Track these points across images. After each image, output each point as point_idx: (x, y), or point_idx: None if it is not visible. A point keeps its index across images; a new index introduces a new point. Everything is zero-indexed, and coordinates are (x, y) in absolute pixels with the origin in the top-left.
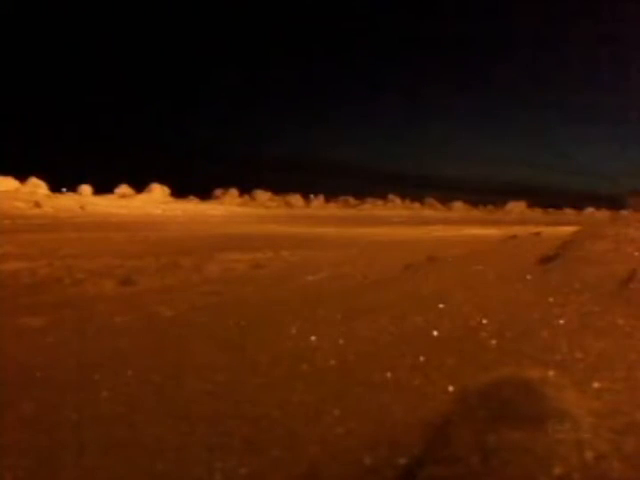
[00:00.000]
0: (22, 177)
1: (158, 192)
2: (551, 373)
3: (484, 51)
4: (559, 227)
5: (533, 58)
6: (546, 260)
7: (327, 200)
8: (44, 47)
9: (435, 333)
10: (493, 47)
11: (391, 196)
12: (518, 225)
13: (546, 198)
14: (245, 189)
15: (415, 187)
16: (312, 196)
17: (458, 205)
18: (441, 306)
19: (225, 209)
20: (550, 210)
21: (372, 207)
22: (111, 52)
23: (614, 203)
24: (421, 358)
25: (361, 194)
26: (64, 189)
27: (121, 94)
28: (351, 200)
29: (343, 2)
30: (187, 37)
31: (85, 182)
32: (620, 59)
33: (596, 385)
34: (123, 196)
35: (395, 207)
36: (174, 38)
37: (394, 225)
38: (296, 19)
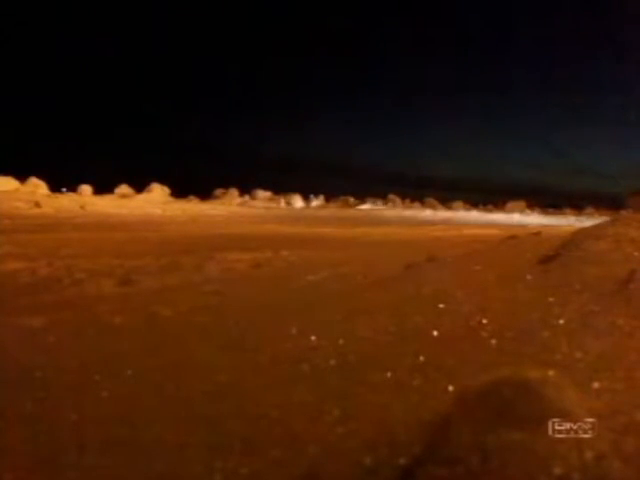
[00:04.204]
0: (22, 177)
1: (158, 192)
2: (551, 373)
3: (484, 51)
4: (559, 227)
5: (533, 58)
6: (546, 260)
7: (327, 200)
8: (44, 46)
9: (435, 333)
10: (493, 47)
11: (391, 196)
12: (518, 225)
13: (546, 198)
14: (245, 189)
15: (415, 187)
16: (312, 196)
17: (458, 205)
18: (441, 306)
19: (225, 209)
20: (550, 210)
21: (372, 207)
22: (111, 52)
23: (614, 203)
24: (421, 358)
25: (361, 194)
26: (64, 189)
27: (121, 94)
28: (351, 200)
29: (343, 2)
30: (187, 37)
31: (85, 182)
32: (620, 59)
33: (596, 385)
34: (123, 196)
35: (395, 207)
36: (174, 38)
37: (394, 225)
38: (296, 19)
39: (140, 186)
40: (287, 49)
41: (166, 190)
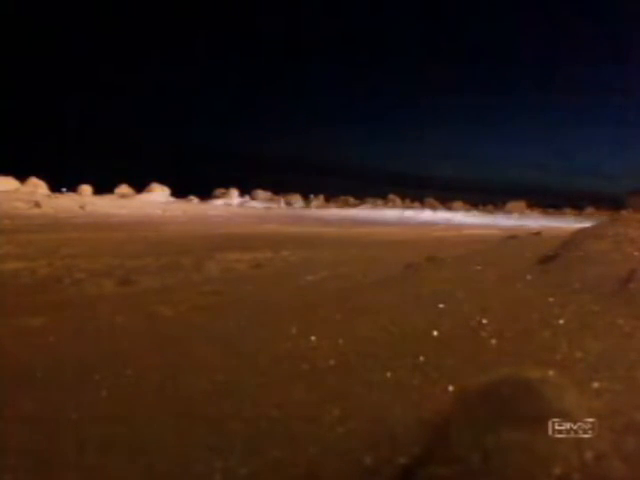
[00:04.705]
0: (22, 177)
1: (158, 192)
2: (551, 373)
3: (484, 51)
4: (559, 227)
5: (533, 58)
6: (546, 260)
7: (327, 200)
8: (43, 46)
9: (435, 333)
10: (493, 47)
11: (391, 196)
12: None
13: (546, 198)
14: (245, 189)
15: (415, 187)
16: (312, 196)
17: (458, 205)
18: (441, 306)
19: (225, 209)
20: (550, 210)
21: (372, 207)
22: (111, 51)
23: (614, 203)
24: (421, 358)
25: (361, 194)
26: (64, 189)
27: (121, 94)
28: (351, 200)
29: (342, 2)
30: (186, 37)
31: (85, 182)
32: (621, 60)
33: (596, 385)
34: (123, 196)
35: (395, 207)
36: (173, 37)
37: (394, 225)
38: (296, 19)
39: (140, 186)
40: (287, 49)
41: (166, 190)
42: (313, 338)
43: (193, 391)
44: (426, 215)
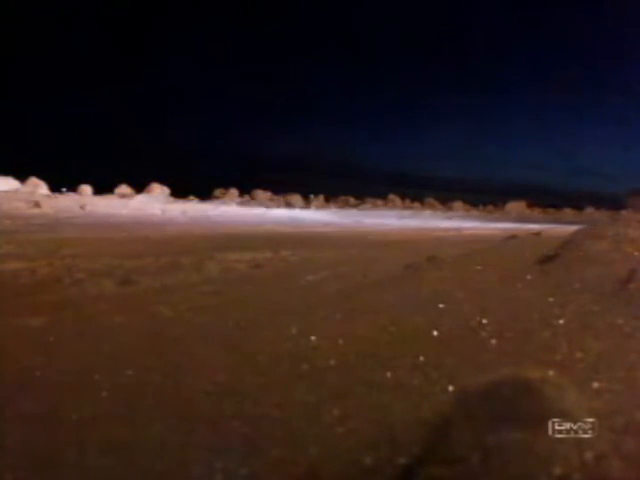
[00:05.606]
0: (22, 177)
1: (158, 192)
2: (551, 373)
3: (484, 51)
4: (559, 227)
5: (533, 58)
6: (546, 260)
7: (327, 200)
8: (43, 45)
9: (435, 333)
10: (493, 47)
11: (391, 196)
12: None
13: (546, 198)
14: (245, 189)
15: (415, 187)
16: (312, 196)
17: (458, 205)
18: (441, 306)
19: (225, 209)
20: (550, 210)
21: (372, 207)
22: (111, 51)
23: (614, 203)
24: (421, 358)
25: (361, 194)
26: (64, 189)
27: (120, 94)
28: (351, 200)
29: (342, 2)
30: (186, 37)
31: (85, 182)
32: (620, 59)
33: (596, 385)
34: (123, 196)
35: (395, 207)
36: (173, 37)
37: (394, 225)
38: (295, 19)
39: (140, 186)
40: (286, 49)
41: (166, 190)
42: (313, 338)
43: (193, 391)
44: (426, 215)
